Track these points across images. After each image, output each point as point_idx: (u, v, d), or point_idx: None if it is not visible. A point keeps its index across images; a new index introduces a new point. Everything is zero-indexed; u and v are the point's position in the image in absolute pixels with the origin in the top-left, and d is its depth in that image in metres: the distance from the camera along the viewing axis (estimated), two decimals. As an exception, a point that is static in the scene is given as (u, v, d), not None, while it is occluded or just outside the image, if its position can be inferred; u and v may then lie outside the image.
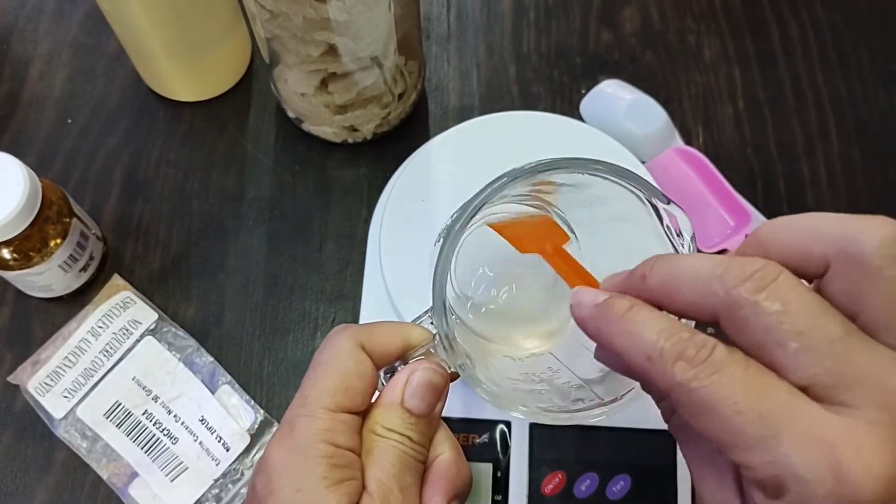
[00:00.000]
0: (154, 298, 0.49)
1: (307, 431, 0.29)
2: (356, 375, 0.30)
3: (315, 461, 0.28)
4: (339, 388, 0.29)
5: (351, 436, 0.29)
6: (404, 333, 0.31)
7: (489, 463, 0.42)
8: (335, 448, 0.28)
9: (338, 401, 0.29)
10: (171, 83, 0.54)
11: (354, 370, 0.30)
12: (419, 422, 0.30)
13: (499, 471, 0.42)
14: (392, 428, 0.30)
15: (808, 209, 0.52)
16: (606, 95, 0.55)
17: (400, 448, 0.29)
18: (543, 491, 0.41)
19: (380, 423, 0.30)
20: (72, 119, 0.55)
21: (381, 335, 0.31)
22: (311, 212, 0.52)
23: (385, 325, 0.32)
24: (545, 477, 0.41)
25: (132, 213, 0.52)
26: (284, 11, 0.41)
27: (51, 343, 0.48)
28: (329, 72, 0.46)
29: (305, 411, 0.29)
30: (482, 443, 0.42)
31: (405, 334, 0.31)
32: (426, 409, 0.30)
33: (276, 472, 0.29)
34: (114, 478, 0.45)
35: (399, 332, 0.31)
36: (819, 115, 0.55)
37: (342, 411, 0.29)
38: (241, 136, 0.55)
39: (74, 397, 0.46)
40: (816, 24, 0.58)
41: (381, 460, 0.29)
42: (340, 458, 0.28)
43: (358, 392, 0.30)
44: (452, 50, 0.57)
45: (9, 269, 0.45)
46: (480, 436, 0.42)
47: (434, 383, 0.30)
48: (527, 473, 0.41)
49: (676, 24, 0.58)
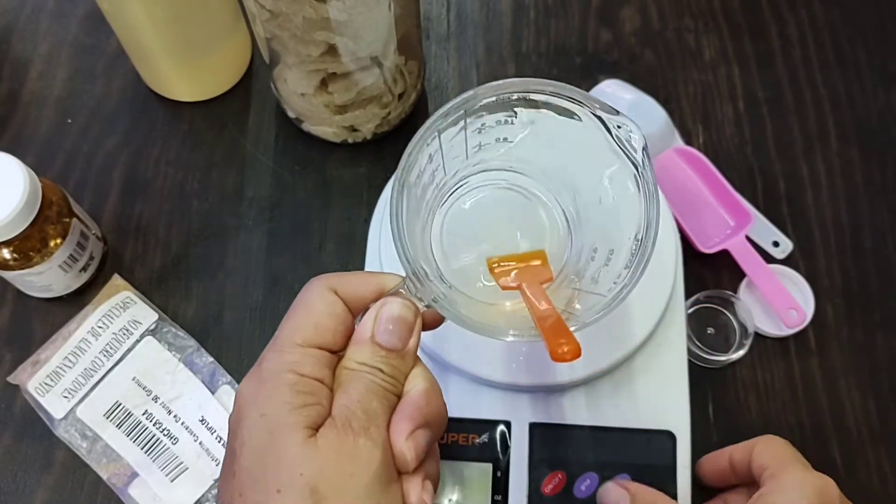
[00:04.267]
0: (154, 298, 0.49)
1: (274, 364, 0.30)
2: (326, 314, 0.31)
3: (279, 388, 0.29)
4: (307, 325, 0.30)
5: (319, 368, 0.30)
6: (378, 280, 0.32)
7: (489, 463, 0.42)
8: (300, 377, 0.29)
9: (306, 337, 0.30)
10: (171, 83, 0.54)
11: (323, 310, 0.31)
12: (390, 355, 0.30)
13: (499, 471, 0.42)
14: (363, 361, 0.30)
15: (807, 208, 0.52)
16: (606, 95, 0.55)
17: (369, 377, 0.30)
18: (543, 491, 0.41)
19: (352, 358, 0.30)
20: (71, 119, 0.55)
21: (354, 281, 0.32)
22: (311, 212, 0.52)
23: (360, 273, 0.33)
24: (545, 477, 0.41)
25: (132, 212, 0.52)
26: (284, 11, 0.41)
27: (51, 343, 0.48)
28: (329, 72, 0.46)
29: (274, 348, 0.30)
30: (482, 443, 0.42)
31: (379, 280, 0.32)
32: (396, 342, 0.30)
33: (244, 402, 0.29)
34: (114, 478, 0.45)
35: (373, 279, 0.32)
36: (818, 114, 0.55)
37: (311, 347, 0.30)
38: (241, 136, 0.55)
39: (74, 397, 0.46)
40: (815, 23, 0.58)
41: (348, 388, 0.30)
42: (305, 386, 0.29)
43: (328, 329, 0.30)
44: (452, 50, 0.58)
45: (9, 269, 0.44)
46: (480, 436, 0.42)
47: (403, 317, 0.31)
48: (527, 473, 0.41)
49: (675, 23, 0.58)
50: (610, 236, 0.35)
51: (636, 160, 0.32)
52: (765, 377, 0.48)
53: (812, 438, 0.46)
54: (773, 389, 0.47)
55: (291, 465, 0.27)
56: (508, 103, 0.34)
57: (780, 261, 0.51)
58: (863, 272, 0.51)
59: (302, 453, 0.28)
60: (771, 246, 0.51)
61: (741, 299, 0.48)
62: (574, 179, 0.37)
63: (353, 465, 0.28)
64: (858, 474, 0.46)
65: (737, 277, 0.50)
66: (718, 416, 0.47)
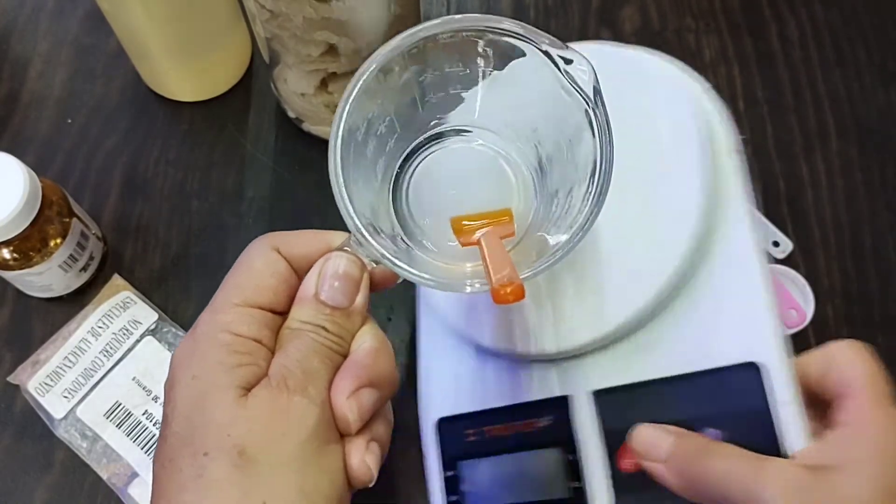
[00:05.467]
0: (154, 298, 0.49)
1: (208, 325, 0.29)
2: (267, 274, 0.29)
3: (212, 349, 0.28)
4: (246, 284, 0.29)
5: (257, 328, 0.28)
6: (325, 237, 0.31)
7: (557, 448, 0.35)
8: (235, 336, 0.28)
9: (245, 296, 0.29)
10: (171, 83, 0.54)
11: (264, 269, 0.29)
12: (335, 313, 0.29)
13: (570, 454, 0.35)
14: (305, 320, 0.29)
15: (807, 208, 0.52)
16: (606, 95, 0.55)
17: (311, 336, 0.28)
18: (624, 466, 0.34)
19: (294, 317, 0.29)
20: (71, 119, 0.55)
21: (299, 240, 0.31)
22: (311, 212, 0.52)
23: (306, 231, 0.31)
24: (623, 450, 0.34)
25: (132, 212, 0.52)
26: (284, 11, 0.41)
27: (51, 343, 0.48)
28: (329, 72, 0.46)
29: (210, 309, 0.29)
30: (545, 426, 0.36)
31: (326, 238, 0.31)
32: (341, 299, 0.29)
33: (177, 364, 0.28)
34: (114, 478, 0.45)
35: (320, 237, 0.31)
36: (818, 114, 0.55)
37: (250, 307, 0.29)
38: (241, 135, 0.55)
39: (74, 397, 0.46)
40: (815, 23, 0.58)
41: (287, 347, 0.28)
42: (240, 346, 0.28)
43: (268, 289, 0.29)
44: (452, 50, 0.57)
45: (9, 268, 0.45)
46: (540, 418, 0.36)
47: (349, 273, 0.29)
48: (602, 450, 0.34)
49: (675, 23, 0.58)
50: (570, 178, 0.32)
51: (587, 96, 0.30)
52: (765, 377, 0.48)
53: (812, 438, 0.46)
54: (772, 389, 0.47)
55: (219, 427, 0.26)
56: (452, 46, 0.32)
57: (780, 261, 0.51)
58: (863, 272, 0.51)
59: (231, 414, 0.26)
60: (771, 246, 0.51)
61: (741, 299, 0.48)
62: (535, 129, 0.35)
63: (285, 423, 0.27)
64: (858, 474, 0.46)
65: (737, 277, 0.50)
66: (718, 415, 0.47)
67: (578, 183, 0.31)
